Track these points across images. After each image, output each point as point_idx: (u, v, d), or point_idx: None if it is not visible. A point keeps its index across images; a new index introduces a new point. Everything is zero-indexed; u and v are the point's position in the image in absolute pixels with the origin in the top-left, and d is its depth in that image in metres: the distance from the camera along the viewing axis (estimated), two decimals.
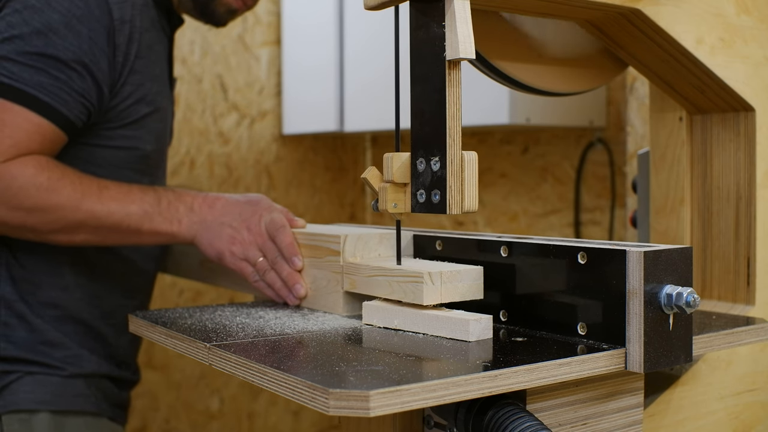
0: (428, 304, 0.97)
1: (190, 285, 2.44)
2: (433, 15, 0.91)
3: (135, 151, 1.46)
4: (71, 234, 1.32)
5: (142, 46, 1.42)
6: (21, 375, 1.41)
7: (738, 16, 1.16)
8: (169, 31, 1.56)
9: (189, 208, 1.32)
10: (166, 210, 1.32)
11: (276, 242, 1.23)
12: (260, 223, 1.26)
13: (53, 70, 1.30)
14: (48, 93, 1.30)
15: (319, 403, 0.74)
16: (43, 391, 1.41)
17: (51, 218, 1.29)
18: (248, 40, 2.55)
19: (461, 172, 0.91)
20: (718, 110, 1.22)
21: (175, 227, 1.32)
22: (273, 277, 1.22)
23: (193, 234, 1.32)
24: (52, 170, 1.30)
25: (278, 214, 1.26)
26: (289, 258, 1.21)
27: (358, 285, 1.08)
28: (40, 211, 1.29)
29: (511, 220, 2.33)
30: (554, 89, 1.24)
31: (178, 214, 1.32)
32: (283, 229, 1.22)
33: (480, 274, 1.01)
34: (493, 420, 0.83)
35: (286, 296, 1.21)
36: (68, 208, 1.29)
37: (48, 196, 1.28)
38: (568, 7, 1.05)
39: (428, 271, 0.97)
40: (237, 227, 1.27)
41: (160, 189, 1.36)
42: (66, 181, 1.30)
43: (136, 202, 1.32)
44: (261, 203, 1.30)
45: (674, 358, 0.90)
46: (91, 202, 1.30)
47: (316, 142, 2.72)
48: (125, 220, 1.31)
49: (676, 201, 1.27)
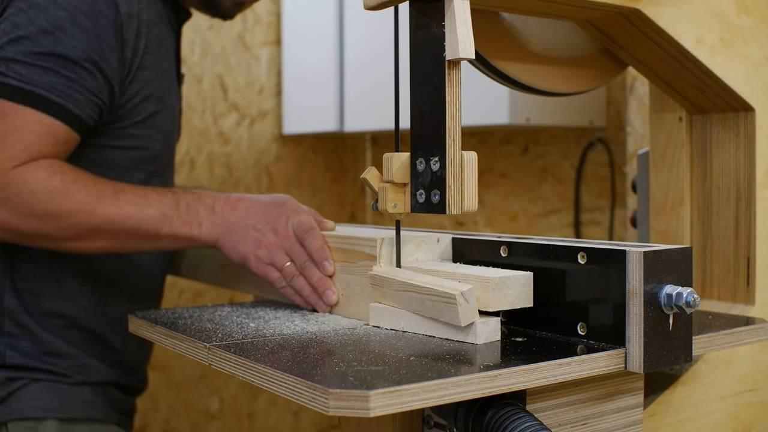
0: (466, 324, 0.91)
1: (190, 285, 2.44)
2: (433, 15, 0.91)
3: (144, 151, 1.42)
4: (88, 240, 1.27)
5: (151, 40, 1.38)
6: (27, 382, 1.37)
7: (738, 16, 1.16)
8: (176, 26, 1.52)
9: (210, 210, 1.26)
10: (185, 212, 1.26)
11: (305, 246, 1.16)
12: (287, 226, 1.19)
13: (63, 70, 1.26)
14: (59, 93, 1.26)
15: (319, 403, 0.74)
16: (50, 399, 1.37)
17: (65, 224, 1.24)
18: (248, 40, 2.55)
19: (461, 172, 0.91)
20: (717, 110, 1.22)
21: (195, 230, 1.26)
22: (302, 282, 1.15)
23: (215, 237, 1.25)
24: (65, 174, 1.25)
25: (306, 215, 1.19)
26: (320, 262, 1.14)
27: (390, 298, 1.01)
28: (54, 217, 1.23)
29: (511, 220, 2.33)
30: (554, 89, 1.24)
31: (198, 216, 1.26)
32: (312, 232, 1.16)
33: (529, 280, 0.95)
34: (493, 420, 0.83)
35: (316, 303, 1.14)
36: (83, 212, 1.24)
37: (61, 201, 1.23)
38: (568, 7, 1.05)
39: (461, 291, 0.91)
40: (262, 230, 1.21)
41: (178, 190, 1.30)
42: (80, 184, 1.25)
43: (154, 205, 1.26)
44: (287, 204, 1.23)
45: (674, 358, 0.90)
46: (107, 206, 1.24)
47: (316, 142, 2.72)
48: (143, 224, 1.25)
49: (675, 201, 1.27)
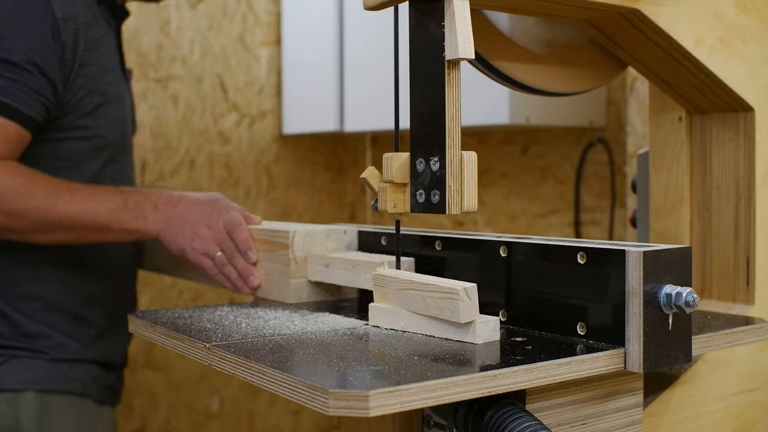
0: (466, 321, 0.92)
1: (190, 285, 2.45)
2: (433, 15, 0.91)
3: (96, 140, 1.54)
4: (49, 234, 1.40)
5: (89, 39, 1.49)
6: (6, 359, 1.48)
7: (737, 16, 1.16)
8: (115, 25, 1.64)
9: (154, 207, 1.40)
10: (133, 209, 1.40)
11: (233, 238, 1.32)
12: (219, 221, 1.34)
13: (7, 73, 1.38)
14: (7, 94, 1.37)
15: (319, 403, 0.74)
16: (28, 373, 1.48)
17: (29, 220, 1.37)
18: (248, 39, 2.55)
19: (460, 172, 0.91)
20: (717, 110, 1.22)
21: (141, 225, 1.39)
22: (230, 269, 1.31)
23: (157, 231, 1.39)
24: (23, 175, 1.37)
25: (236, 212, 1.34)
26: (245, 252, 1.30)
27: (390, 298, 1.02)
28: (19, 215, 1.37)
29: (511, 220, 2.33)
30: (554, 89, 1.24)
31: (144, 212, 1.39)
32: (239, 227, 1.32)
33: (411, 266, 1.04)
34: (492, 420, 0.83)
35: (241, 287, 1.30)
36: (44, 209, 1.37)
37: (25, 200, 1.36)
38: (568, 7, 1.05)
39: (463, 287, 0.92)
40: (198, 224, 1.36)
41: (126, 189, 1.44)
42: (38, 185, 1.38)
43: (105, 202, 1.39)
44: (220, 202, 1.38)
45: (674, 358, 0.90)
46: (64, 203, 1.38)
47: (316, 142, 2.72)
48: (96, 219, 1.39)
49: (675, 201, 1.27)
